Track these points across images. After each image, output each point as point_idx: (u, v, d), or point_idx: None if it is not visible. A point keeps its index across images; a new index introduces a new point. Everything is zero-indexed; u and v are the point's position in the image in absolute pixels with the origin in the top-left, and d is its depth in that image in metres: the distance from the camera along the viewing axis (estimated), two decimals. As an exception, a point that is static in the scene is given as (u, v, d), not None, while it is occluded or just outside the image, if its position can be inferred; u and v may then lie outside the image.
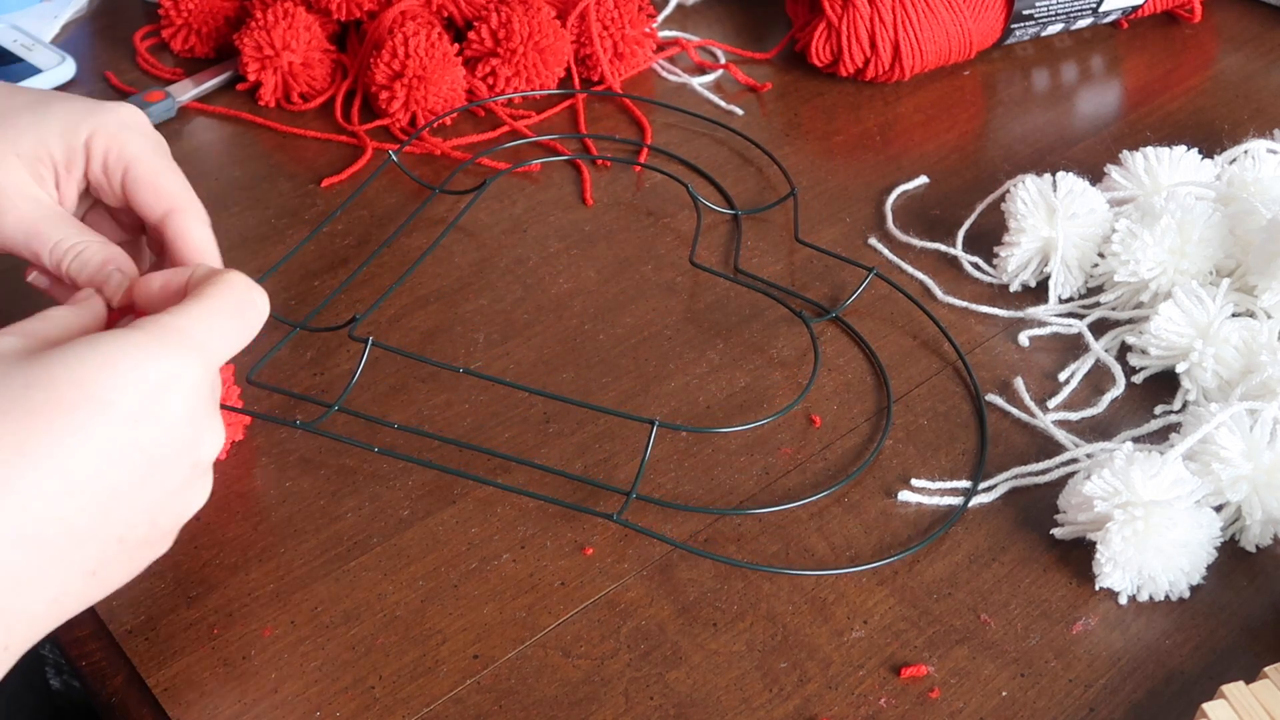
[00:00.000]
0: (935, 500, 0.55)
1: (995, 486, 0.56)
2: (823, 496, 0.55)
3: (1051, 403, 0.60)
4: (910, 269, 0.68)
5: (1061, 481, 0.56)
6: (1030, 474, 0.57)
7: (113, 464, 0.40)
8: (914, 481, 0.56)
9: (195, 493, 0.44)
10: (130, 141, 0.51)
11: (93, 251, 0.50)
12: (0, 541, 0.37)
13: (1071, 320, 0.64)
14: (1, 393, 0.38)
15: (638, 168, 0.74)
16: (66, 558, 0.39)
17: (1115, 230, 0.64)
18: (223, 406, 0.54)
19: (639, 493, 0.54)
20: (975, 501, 0.55)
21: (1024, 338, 0.64)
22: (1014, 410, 0.60)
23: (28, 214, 0.50)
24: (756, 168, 0.75)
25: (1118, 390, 0.61)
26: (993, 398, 0.60)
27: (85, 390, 0.39)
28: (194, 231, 0.52)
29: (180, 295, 0.46)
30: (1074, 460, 0.57)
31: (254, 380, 0.57)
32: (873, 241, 0.70)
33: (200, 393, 0.42)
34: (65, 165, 0.51)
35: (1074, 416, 0.60)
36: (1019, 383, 0.61)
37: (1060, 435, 0.58)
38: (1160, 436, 0.59)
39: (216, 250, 0.52)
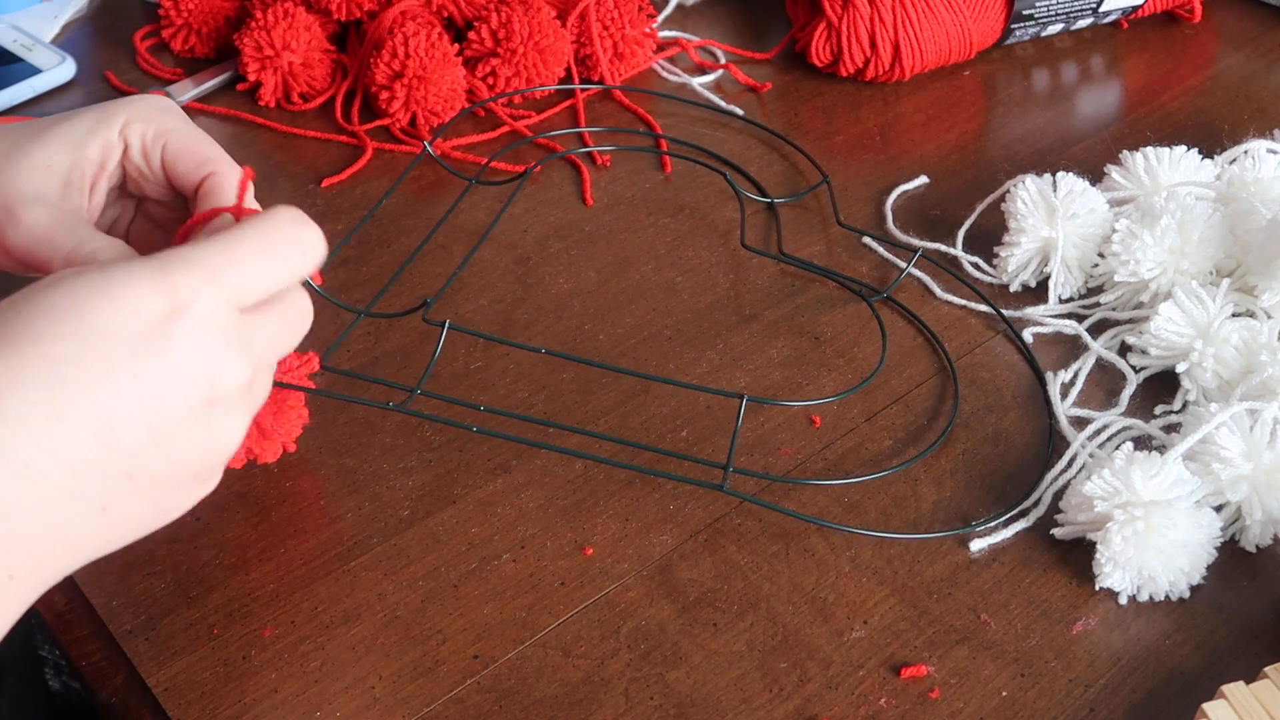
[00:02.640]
0: (1004, 534, 0.54)
1: (1040, 499, 0.56)
2: (898, 469, 0.55)
3: (1064, 404, 0.60)
4: (910, 269, 0.68)
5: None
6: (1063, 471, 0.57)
7: (108, 394, 0.38)
8: (976, 526, 0.54)
9: (219, 431, 0.42)
10: (166, 119, 0.50)
11: (110, 254, 0.48)
12: None
13: (1070, 321, 0.64)
14: (2, 321, 0.38)
15: (666, 164, 0.74)
16: (66, 490, 0.38)
17: (1115, 230, 0.64)
18: (304, 389, 0.54)
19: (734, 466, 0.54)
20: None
21: (1028, 335, 0.64)
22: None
23: (40, 221, 0.48)
24: (768, 160, 0.75)
25: (1131, 388, 0.61)
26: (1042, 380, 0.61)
27: (81, 318, 0.38)
28: (228, 188, 0.49)
29: None
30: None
31: (328, 365, 0.57)
32: (874, 242, 0.70)
33: (214, 323, 0.40)
34: (100, 164, 0.50)
35: (1093, 415, 0.59)
36: (1049, 377, 0.61)
37: (1071, 433, 0.58)
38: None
39: (254, 203, 0.50)
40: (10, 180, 0.49)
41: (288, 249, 0.43)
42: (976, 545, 0.53)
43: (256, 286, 0.42)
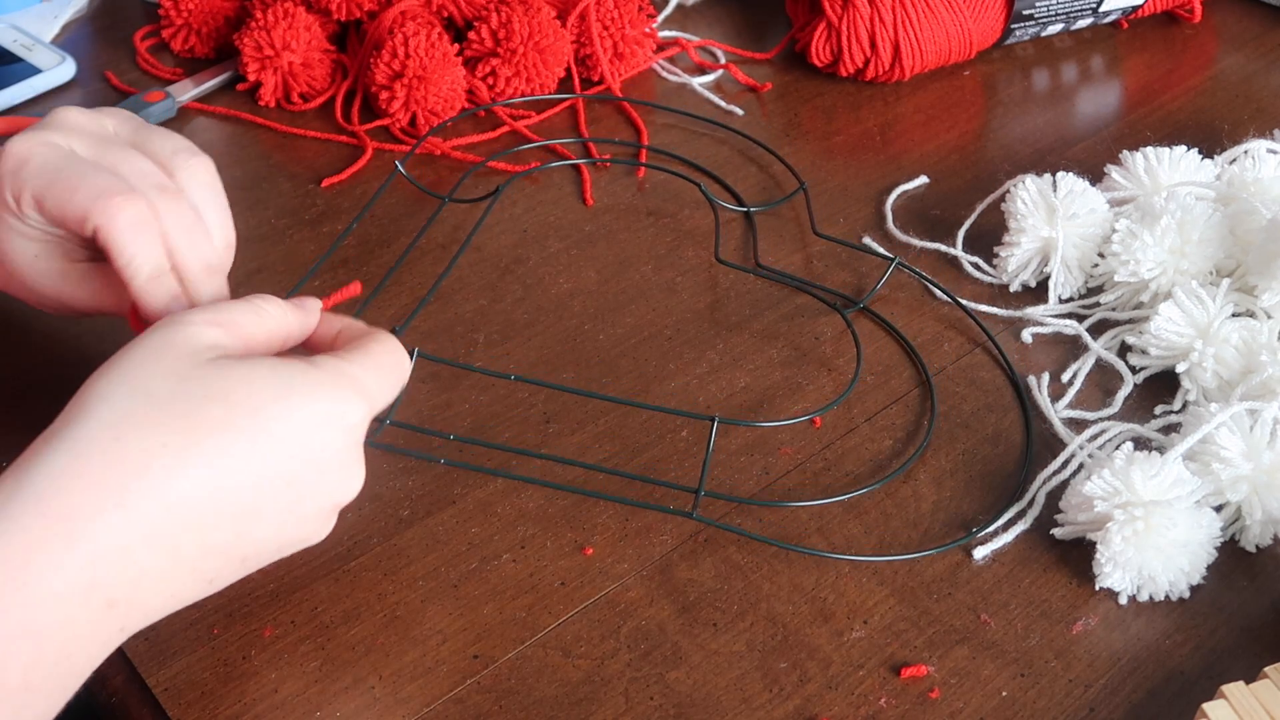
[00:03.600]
0: (1006, 539, 0.54)
1: (1034, 500, 0.56)
2: (875, 486, 0.55)
3: (1060, 404, 0.60)
4: (910, 269, 0.68)
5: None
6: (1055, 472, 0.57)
7: (261, 491, 0.41)
8: (978, 533, 0.54)
9: (326, 527, 0.46)
10: (31, 174, 0.47)
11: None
12: (137, 540, 0.39)
13: (1069, 321, 0.64)
14: (181, 398, 0.40)
15: (641, 170, 0.74)
16: (192, 565, 0.41)
17: (1115, 230, 0.64)
18: None
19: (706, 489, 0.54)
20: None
21: (1027, 335, 0.64)
22: (1039, 404, 0.60)
23: (100, 295, 0.51)
24: (758, 166, 0.75)
25: (1127, 389, 0.61)
26: (1030, 381, 0.61)
27: (257, 418, 0.41)
28: (114, 245, 0.46)
29: (329, 342, 0.48)
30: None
31: None
32: (873, 242, 0.70)
33: (355, 436, 0.44)
34: (53, 232, 0.49)
35: (1090, 416, 0.59)
36: (1033, 381, 0.61)
37: (1065, 434, 0.58)
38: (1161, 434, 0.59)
39: (144, 267, 0.47)
40: (40, 282, 0.51)
41: (401, 376, 0.47)
42: (980, 552, 0.53)
43: (382, 406, 0.46)
